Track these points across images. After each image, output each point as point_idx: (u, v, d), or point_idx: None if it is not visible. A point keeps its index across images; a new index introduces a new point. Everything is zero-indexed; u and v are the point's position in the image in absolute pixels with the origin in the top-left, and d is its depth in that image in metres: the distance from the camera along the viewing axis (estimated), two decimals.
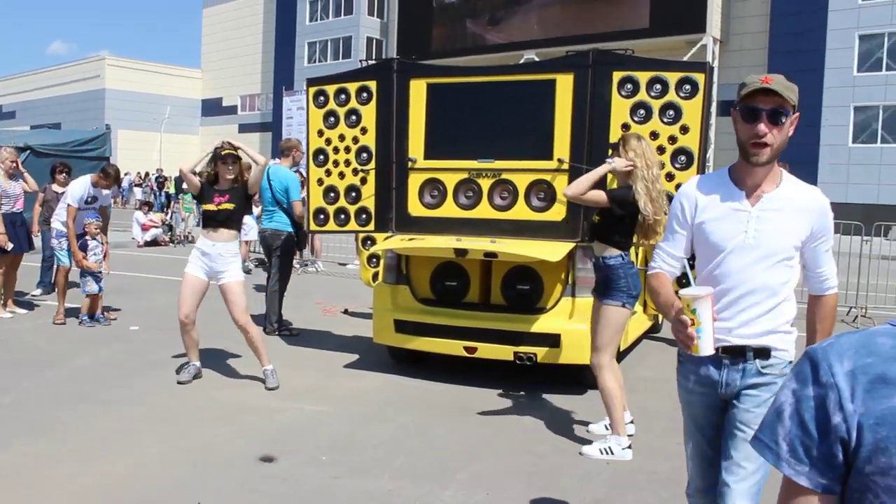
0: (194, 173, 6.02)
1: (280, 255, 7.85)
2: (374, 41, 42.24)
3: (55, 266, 8.70)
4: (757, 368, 2.49)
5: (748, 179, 2.46)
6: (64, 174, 9.09)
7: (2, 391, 5.50)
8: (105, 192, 8.28)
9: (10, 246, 8.11)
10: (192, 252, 5.90)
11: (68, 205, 7.91)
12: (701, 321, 2.29)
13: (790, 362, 2.50)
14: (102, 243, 7.99)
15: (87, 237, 7.88)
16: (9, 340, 7.15)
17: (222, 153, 5.85)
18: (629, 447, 4.53)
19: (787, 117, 2.35)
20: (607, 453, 4.49)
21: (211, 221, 5.81)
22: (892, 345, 1.05)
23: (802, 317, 2.58)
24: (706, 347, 2.31)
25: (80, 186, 8.02)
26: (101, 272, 7.92)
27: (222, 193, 5.82)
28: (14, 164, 8.43)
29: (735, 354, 2.50)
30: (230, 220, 5.83)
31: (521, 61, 24.62)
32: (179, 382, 5.83)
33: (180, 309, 5.83)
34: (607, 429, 4.73)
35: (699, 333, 2.30)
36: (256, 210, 10.45)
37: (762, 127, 2.32)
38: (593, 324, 4.69)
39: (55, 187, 9.17)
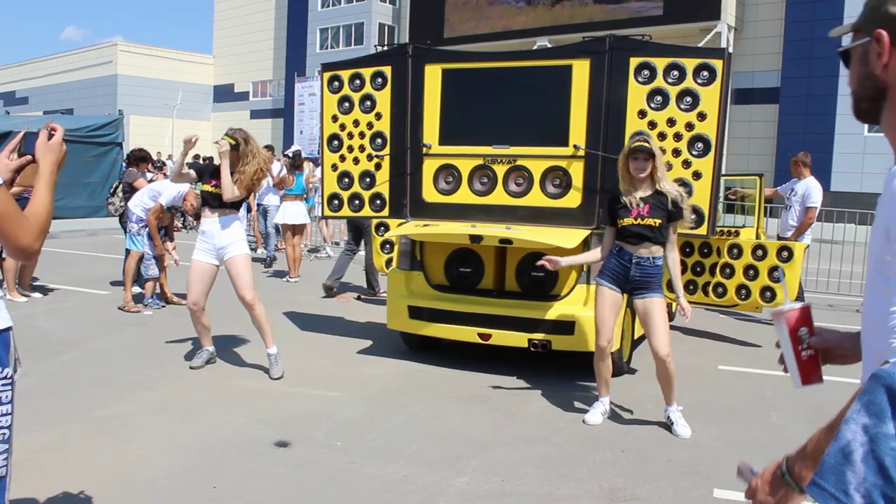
0: (183, 173, 5.78)
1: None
2: (387, 27, 42.07)
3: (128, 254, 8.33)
4: None
5: None
6: (150, 163, 8.86)
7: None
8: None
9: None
10: (197, 239, 5.85)
11: (159, 203, 7.89)
12: (780, 347, 1.81)
13: None
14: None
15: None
16: (24, 324, 7.17)
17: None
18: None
19: None
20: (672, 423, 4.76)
21: (209, 202, 5.73)
22: None
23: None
24: (793, 378, 1.78)
25: (174, 188, 7.90)
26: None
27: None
28: None
29: None
30: (228, 204, 5.71)
31: (535, 48, 24.47)
32: (192, 367, 5.84)
33: (188, 296, 5.80)
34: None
35: (786, 359, 1.80)
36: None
37: None
38: (656, 319, 4.72)
39: (147, 174, 8.99)
